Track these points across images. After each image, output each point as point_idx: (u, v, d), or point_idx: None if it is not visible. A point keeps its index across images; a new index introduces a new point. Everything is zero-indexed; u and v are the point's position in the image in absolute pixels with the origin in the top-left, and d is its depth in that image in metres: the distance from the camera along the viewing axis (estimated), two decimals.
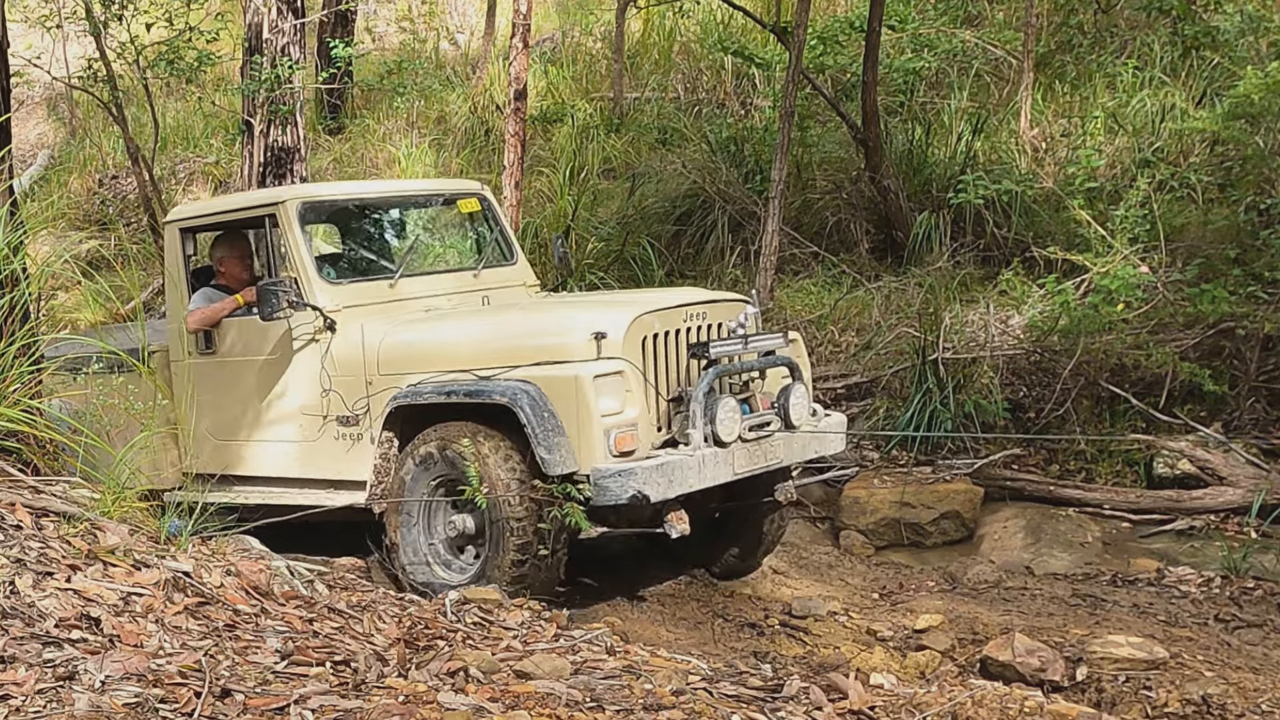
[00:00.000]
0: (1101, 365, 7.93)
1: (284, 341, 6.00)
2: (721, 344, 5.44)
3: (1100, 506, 7.39)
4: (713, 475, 5.27)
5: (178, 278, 6.45)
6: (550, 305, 6.10)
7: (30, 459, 4.12)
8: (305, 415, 5.94)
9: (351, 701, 3.07)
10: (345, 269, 6.49)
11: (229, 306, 6.27)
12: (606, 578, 5.97)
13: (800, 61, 8.73)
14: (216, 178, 14.10)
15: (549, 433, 5.04)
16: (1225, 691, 4.64)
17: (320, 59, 13.43)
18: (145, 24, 10.98)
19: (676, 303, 5.61)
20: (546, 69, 13.69)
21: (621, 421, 5.13)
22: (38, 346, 4.28)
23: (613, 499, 5.00)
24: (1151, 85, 9.98)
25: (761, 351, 5.68)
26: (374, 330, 5.78)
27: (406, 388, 5.51)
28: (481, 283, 6.49)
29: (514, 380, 5.21)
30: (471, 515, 5.38)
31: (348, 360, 5.79)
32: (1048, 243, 8.72)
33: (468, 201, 6.83)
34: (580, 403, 5.04)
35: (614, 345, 5.22)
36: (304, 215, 6.10)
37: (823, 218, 10.20)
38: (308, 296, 5.88)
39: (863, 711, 3.50)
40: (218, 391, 6.26)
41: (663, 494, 5.05)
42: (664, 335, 5.44)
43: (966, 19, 11.93)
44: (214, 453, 6.28)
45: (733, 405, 5.35)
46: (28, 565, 3.44)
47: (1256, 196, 8.24)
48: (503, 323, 5.74)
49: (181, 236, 6.45)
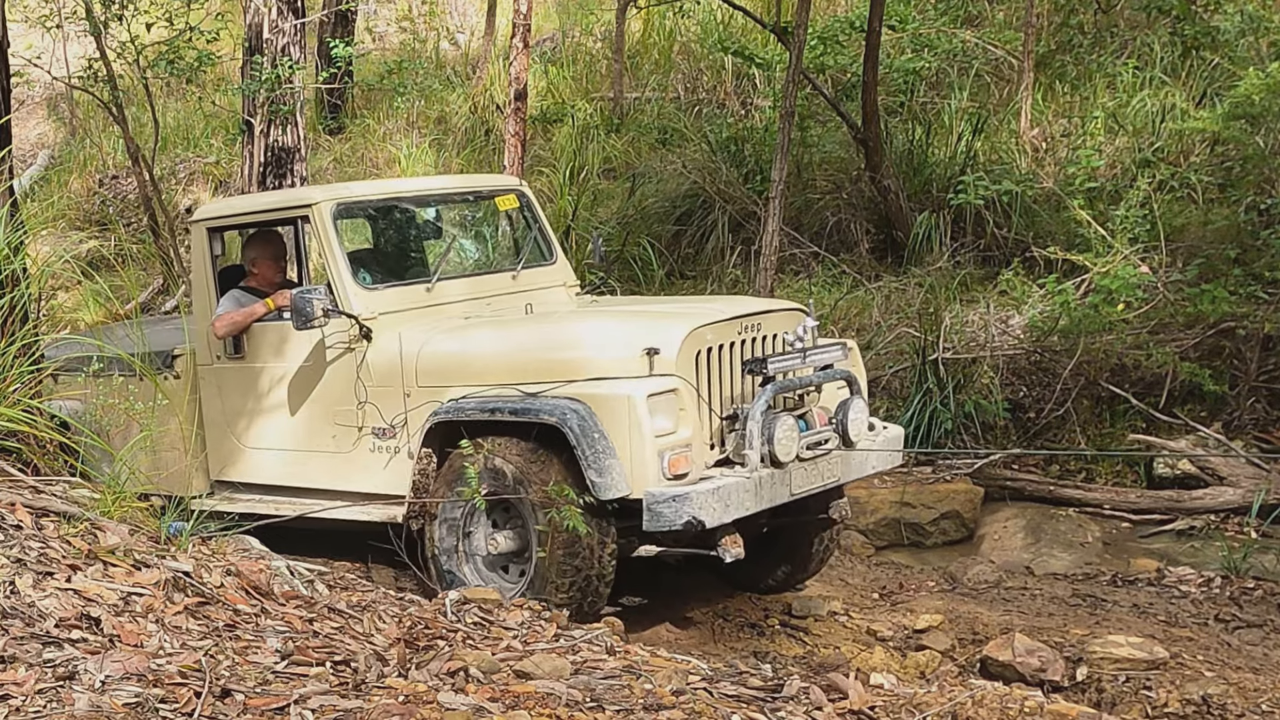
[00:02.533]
0: (1101, 365, 7.93)
1: (317, 349, 5.76)
2: (780, 360, 5.14)
3: (1100, 506, 7.40)
4: (769, 497, 5.03)
5: (205, 279, 6.21)
6: (598, 315, 5.83)
7: (30, 459, 4.11)
8: (339, 426, 5.71)
9: (351, 701, 3.07)
10: (379, 272, 6.18)
11: (259, 312, 6.01)
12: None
13: (800, 61, 8.73)
14: (216, 178, 14.10)
15: (599, 455, 4.83)
16: (1225, 691, 4.64)
17: (320, 59, 13.43)
18: (145, 24, 10.98)
19: (731, 314, 5.35)
20: (546, 69, 13.69)
21: (675, 442, 4.90)
22: (38, 346, 4.28)
23: (666, 525, 4.78)
24: (1151, 85, 9.98)
25: (820, 365, 5.38)
26: (412, 339, 5.54)
27: (448, 402, 5.28)
28: (521, 284, 6.23)
29: (562, 398, 4.98)
30: (514, 533, 5.21)
31: (385, 370, 5.55)
32: (1048, 243, 8.72)
33: (506, 198, 6.54)
34: (632, 423, 4.82)
35: (667, 361, 4.99)
36: (338, 216, 5.88)
37: (823, 218, 10.20)
38: (342, 304, 5.62)
39: (863, 711, 3.49)
40: (247, 398, 6.04)
41: (718, 519, 4.82)
42: (718, 349, 5.18)
43: (966, 19, 11.93)
44: (243, 460, 6.10)
45: (791, 424, 5.06)
46: (28, 565, 3.44)
47: (1256, 196, 8.24)
48: (549, 334, 5.48)
49: (209, 236, 6.19)
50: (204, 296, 6.22)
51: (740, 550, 5.05)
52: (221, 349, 6.08)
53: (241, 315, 6.02)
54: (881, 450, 5.62)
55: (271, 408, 5.97)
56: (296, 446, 5.91)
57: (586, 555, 4.96)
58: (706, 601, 5.89)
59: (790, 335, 5.24)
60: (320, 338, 5.70)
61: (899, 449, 5.83)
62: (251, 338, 6.03)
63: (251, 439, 6.07)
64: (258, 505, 5.90)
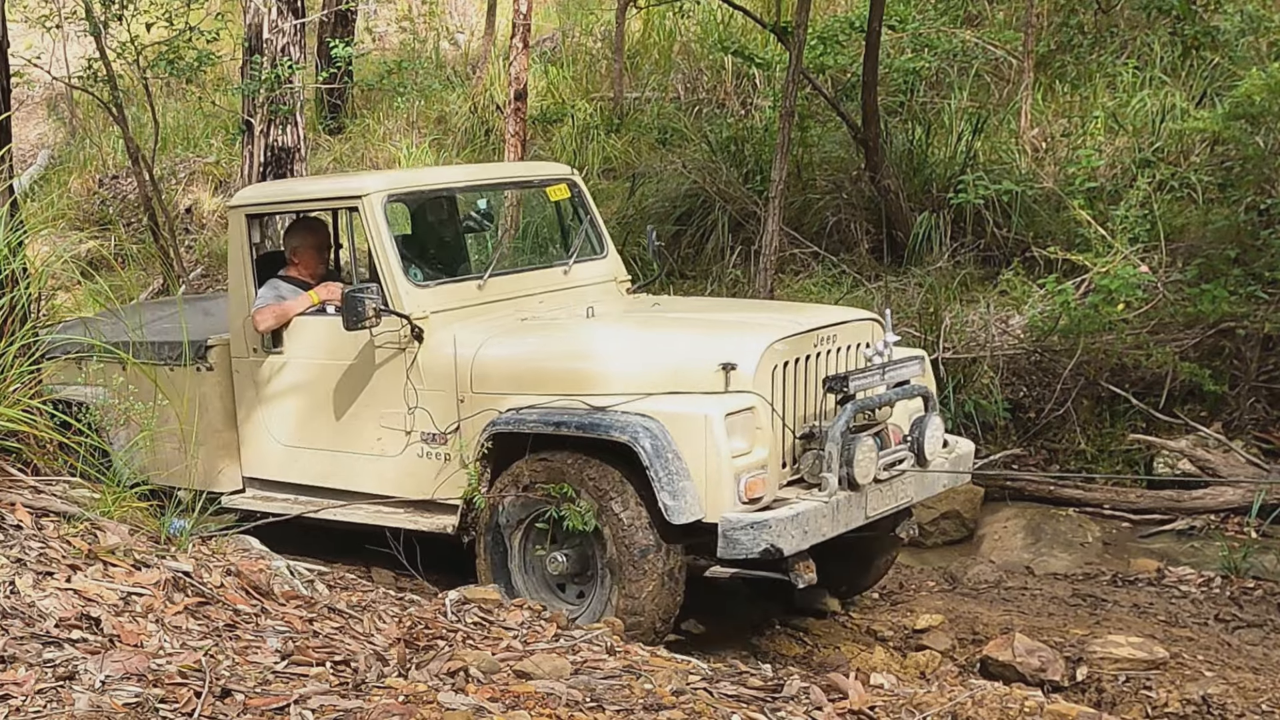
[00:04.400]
0: (1101, 365, 7.93)
1: (365, 348, 5.49)
2: (861, 376, 4.88)
3: (1100, 506, 7.40)
4: (845, 521, 4.82)
5: (242, 267, 5.89)
6: (668, 324, 5.50)
7: (30, 459, 4.11)
8: (385, 429, 5.46)
9: (351, 701, 3.07)
10: (426, 267, 5.84)
11: (302, 305, 5.74)
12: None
13: (800, 61, 8.72)
14: (216, 178, 14.10)
15: (673, 476, 4.59)
16: (1225, 691, 4.64)
17: (320, 59, 13.42)
18: (145, 24, 10.98)
19: (808, 327, 5.09)
20: (546, 69, 13.69)
21: (751, 464, 4.68)
22: (38, 346, 4.28)
23: (743, 552, 4.57)
24: (1151, 85, 9.98)
25: (897, 380, 5.11)
26: (467, 341, 5.25)
27: (508, 412, 5.02)
28: (572, 279, 5.97)
29: (633, 414, 4.73)
30: (573, 552, 4.98)
31: (437, 374, 5.29)
32: (1048, 243, 8.72)
33: (557, 188, 6.22)
34: (709, 444, 4.59)
35: (744, 377, 4.75)
36: (390, 208, 5.57)
37: (823, 218, 10.19)
38: (393, 302, 5.33)
39: (863, 711, 3.49)
40: (285, 393, 5.79)
41: (796, 546, 4.62)
42: (794, 363, 4.94)
43: (966, 19, 11.93)
44: (278, 458, 5.87)
45: (871, 445, 4.84)
46: (28, 565, 3.44)
47: (1256, 196, 8.24)
48: (616, 342, 5.18)
49: (247, 222, 5.88)
50: (241, 286, 5.91)
51: (813, 576, 4.83)
52: (259, 342, 5.82)
53: (284, 309, 5.77)
54: (953, 471, 5.42)
55: (311, 405, 5.73)
56: (337, 447, 5.66)
57: (657, 578, 4.76)
58: (706, 601, 5.89)
59: (869, 350, 5.00)
60: (368, 337, 5.45)
61: (969, 467, 5.60)
62: (291, 331, 5.77)
63: (289, 436, 5.83)
64: (293, 506, 5.72)
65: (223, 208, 13.54)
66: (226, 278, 6.36)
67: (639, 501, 4.75)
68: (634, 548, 4.74)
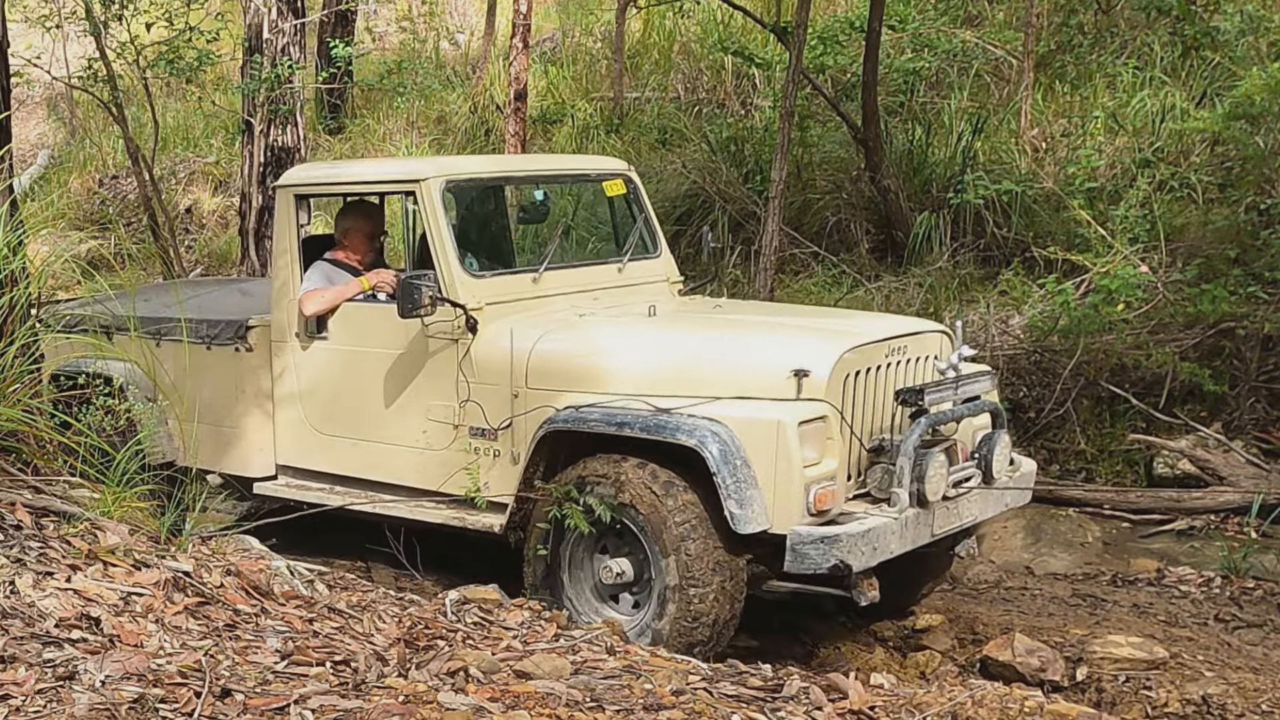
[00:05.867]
0: (1101, 365, 7.93)
1: (416, 338, 5.35)
2: (936, 390, 4.77)
3: (1100, 506, 7.39)
4: (913, 539, 4.70)
5: (289, 249, 5.74)
6: (735, 325, 5.38)
7: (30, 459, 4.11)
8: (433, 422, 5.31)
9: (351, 701, 3.07)
10: (481, 258, 5.72)
11: (353, 290, 5.61)
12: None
13: (800, 61, 8.72)
14: (216, 178, 14.11)
15: (741, 485, 4.45)
16: (1225, 691, 4.64)
17: (320, 59, 13.43)
18: (145, 24, 10.97)
19: (882, 335, 4.97)
20: (546, 69, 13.69)
21: (821, 474, 4.54)
22: (38, 346, 4.28)
23: (811, 567, 4.44)
24: (1151, 85, 9.98)
25: (968, 395, 4.98)
26: (524, 335, 5.09)
27: (565, 409, 4.86)
28: (626, 277, 5.84)
29: (701, 418, 4.57)
30: (630, 560, 4.81)
31: (491, 367, 5.15)
32: (1048, 243, 8.72)
33: (613, 183, 6.10)
34: (781, 452, 4.44)
35: (817, 385, 4.61)
36: (447, 195, 5.42)
37: (823, 218, 10.19)
38: (448, 291, 5.19)
39: (863, 711, 3.49)
40: (327, 380, 5.65)
41: (865, 563, 4.50)
42: (865, 373, 4.81)
43: (966, 19, 11.93)
44: (316, 446, 5.72)
45: (943, 461, 4.72)
46: (28, 565, 3.44)
47: (1256, 196, 8.24)
48: (681, 342, 5.05)
49: (295, 203, 5.73)
50: (286, 268, 5.76)
51: (876, 594, 4.67)
52: (302, 326, 5.69)
53: (334, 294, 5.64)
54: (1019, 488, 5.32)
55: (354, 393, 5.58)
56: (379, 438, 5.51)
57: (718, 591, 4.61)
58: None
59: (941, 363, 4.92)
60: (420, 326, 5.30)
61: (1031, 485, 5.48)
62: (337, 317, 5.64)
63: (328, 424, 5.69)
64: (330, 496, 5.58)
65: (223, 207, 13.55)
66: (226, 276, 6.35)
67: (702, 509, 4.60)
68: (694, 558, 4.59)
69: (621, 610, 4.90)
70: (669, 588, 4.63)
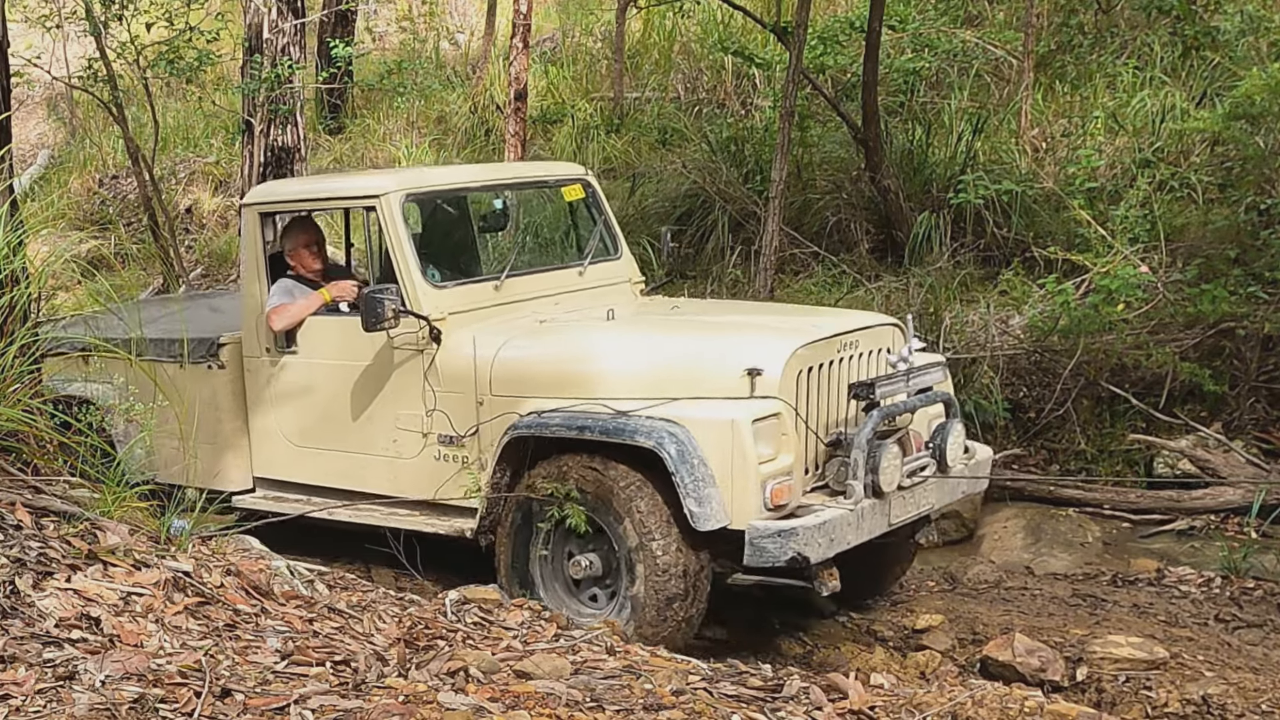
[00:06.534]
0: (1102, 365, 7.93)
1: (381, 349, 5.48)
2: (888, 383, 4.90)
3: (1100, 506, 7.40)
4: (870, 529, 4.82)
5: (255, 266, 5.88)
6: (691, 327, 5.48)
7: (30, 459, 4.11)
8: (401, 431, 5.44)
9: (351, 701, 3.07)
10: (444, 268, 5.82)
11: (314, 304, 5.75)
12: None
13: (800, 61, 8.72)
14: (216, 178, 14.10)
15: (699, 483, 4.58)
16: (1225, 691, 4.64)
17: (320, 59, 13.43)
18: (145, 24, 10.98)
19: (833, 331, 5.08)
20: (546, 69, 13.69)
21: (777, 470, 4.66)
22: (38, 346, 4.28)
23: (770, 560, 4.57)
24: (1151, 85, 9.98)
25: (920, 387, 5.10)
26: (487, 342, 5.23)
27: (529, 415, 4.98)
28: (588, 280, 5.96)
29: (658, 419, 4.70)
30: (598, 555, 4.96)
31: (456, 376, 5.27)
32: (1048, 243, 8.72)
33: (572, 188, 6.22)
34: (736, 450, 4.58)
35: (770, 382, 4.74)
36: (409, 208, 5.56)
37: (823, 218, 10.19)
38: (411, 303, 5.31)
39: (863, 711, 3.49)
40: (299, 393, 5.77)
41: (823, 554, 4.61)
42: (818, 369, 4.93)
43: (966, 19, 11.93)
44: (290, 459, 5.85)
45: (896, 452, 4.84)
46: (28, 565, 3.44)
47: (1256, 196, 8.24)
48: (638, 345, 5.16)
49: (260, 221, 5.87)
50: (254, 285, 5.90)
51: (837, 584, 4.80)
52: (272, 341, 5.82)
53: (298, 308, 5.77)
54: (973, 477, 5.43)
55: (325, 406, 5.71)
56: (351, 449, 5.64)
57: (682, 586, 4.75)
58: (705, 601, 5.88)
59: (893, 356, 5.01)
60: (385, 338, 5.42)
61: (987, 473, 5.61)
62: (306, 331, 5.77)
63: (301, 437, 5.82)
64: (304, 506, 5.69)
65: (223, 207, 13.55)
66: (227, 276, 6.37)
67: (662, 507, 4.72)
68: (658, 554, 4.72)
69: (591, 604, 5.04)
70: (631, 549, 4.77)
